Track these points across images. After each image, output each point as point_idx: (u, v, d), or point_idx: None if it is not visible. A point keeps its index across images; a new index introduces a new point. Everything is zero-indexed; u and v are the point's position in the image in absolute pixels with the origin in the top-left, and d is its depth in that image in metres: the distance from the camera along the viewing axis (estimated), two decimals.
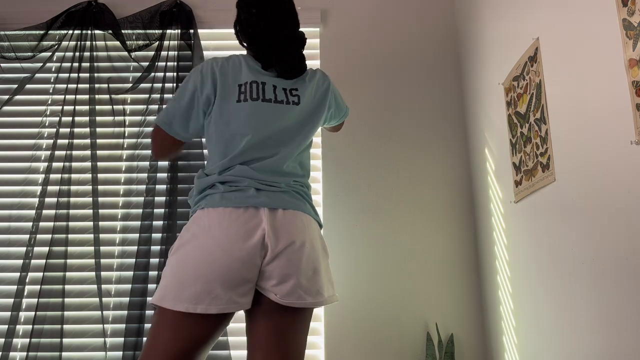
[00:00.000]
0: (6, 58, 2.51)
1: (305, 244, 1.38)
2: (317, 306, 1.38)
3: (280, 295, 1.33)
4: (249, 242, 1.32)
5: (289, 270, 1.33)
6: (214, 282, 1.28)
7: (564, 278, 1.49)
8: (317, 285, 1.37)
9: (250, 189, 1.39)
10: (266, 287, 1.35)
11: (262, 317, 1.36)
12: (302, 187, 1.50)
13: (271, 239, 1.33)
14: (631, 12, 1.15)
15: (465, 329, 2.23)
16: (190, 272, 1.29)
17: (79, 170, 2.39)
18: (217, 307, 1.27)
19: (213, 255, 1.29)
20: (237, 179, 1.41)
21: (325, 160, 2.42)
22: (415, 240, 2.33)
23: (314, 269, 1.38)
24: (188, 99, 1.48)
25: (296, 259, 1.35)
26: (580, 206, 1.39)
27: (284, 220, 1.38)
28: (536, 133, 1.65)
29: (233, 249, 1.30)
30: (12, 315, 2.18)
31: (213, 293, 1.27)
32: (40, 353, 2.15)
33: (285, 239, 1.35)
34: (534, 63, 1.66)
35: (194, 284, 1.28)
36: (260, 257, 1.33)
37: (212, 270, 1.28)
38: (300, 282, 1.34)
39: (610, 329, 1.26)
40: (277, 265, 1.33)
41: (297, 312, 1.37)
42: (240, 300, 1.31)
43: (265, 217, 1.36)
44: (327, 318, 2.24)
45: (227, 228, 1.32)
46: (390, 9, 2.62)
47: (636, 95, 1.13)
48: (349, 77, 2.52)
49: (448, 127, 2.46)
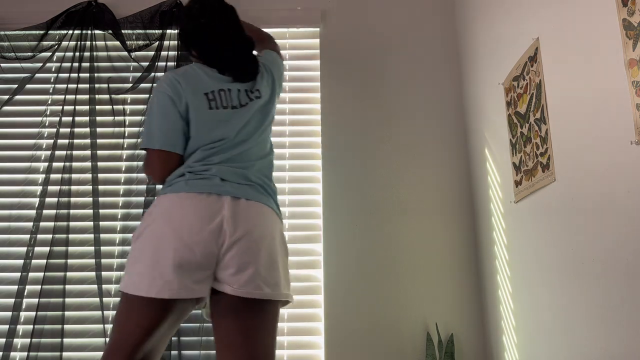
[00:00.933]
0: (6, 58, 2.51)
1: (266, 234, 1.38)
2: (274, 298, 1.36)
3: (237, 285, 1.32)
4: (207, 227, 1.32)
5: (248, 258, 1.33)
6: (167, 266, 1.28)
7: (564, 278, 1.49)
8: (275, 278, 1.37)
9: (216, 178, 1.41)
10: (223, 278, 1.33)
11: (225, 316, 1.36)
12: (269, 183, 1.52)
13: (230, 226, 1.33)
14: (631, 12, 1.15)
15: (465, 329, 2.23)
16: (147, 256, 1.30)
17: (79, 170, 2.39)
18: (170, 292, 1.27)
19: (169, 238, 1.30)
20: (206, 168, 1.43)
21: (325, 160, 2.42)
22: (415, 240, 2.33)
23: (272, 261, 1.37)
24: (173, 113, 1.48)
25: (255, 248, 1.34)
26: (580, 206, 1.39)
27: (245, 209, 1.38)
28: (536, 133, 1.65)
29: (189, 233, 1.31)
30: (13, 315, 2.18)
31: (166, 277, 1.28)
32: (40, 353, 2.15)
33: (245, 226, 1.35)
34: (534, 63, 1.66)
35: (149, 268, 1.29)
36: (218, 244, 1.33)
37: (166, 254, 1.29)
38: (259, 271, 1.33)
39: (610, 329, 1.26)
40: (236, 252, 1.33)
41: (260, 308, 1.36)
42: (195, 287, 1.30)
43: (226, 204, 1.36)
44: (327, 318, 2.24)
45: (186, 212, 1.33)
46: (389, 9, 2.62)
47: (636, 95, 1.13)
48: (349, 77, 2.52)
49: (448, 127, 2.46)
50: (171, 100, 1.48)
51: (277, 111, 2.48)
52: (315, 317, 2.26)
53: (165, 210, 1.35)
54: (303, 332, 2.25)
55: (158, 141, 1.47)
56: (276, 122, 2.48)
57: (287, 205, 2.38)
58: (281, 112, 2.49)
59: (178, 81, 1.51)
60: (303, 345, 2.23)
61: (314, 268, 2.31)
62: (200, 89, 1.52)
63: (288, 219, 2.37)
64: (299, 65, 2.55)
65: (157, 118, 1.48)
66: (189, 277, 1.30)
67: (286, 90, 2.52)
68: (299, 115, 2.49)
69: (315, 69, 2.54)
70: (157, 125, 1.48)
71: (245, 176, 1.46)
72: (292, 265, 2.30)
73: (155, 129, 1.47)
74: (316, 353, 2.23)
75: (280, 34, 2.57)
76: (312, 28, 2.58)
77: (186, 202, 1.35)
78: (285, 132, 2.47)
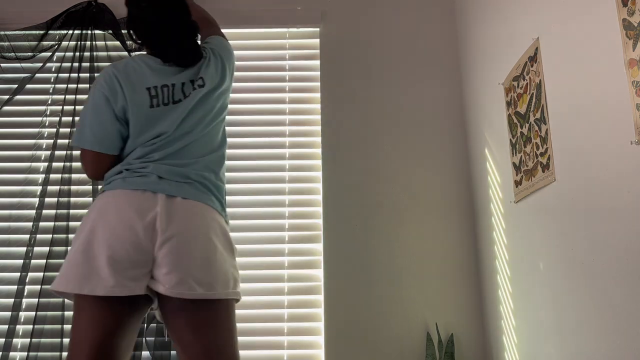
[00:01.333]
0: (6, 58, 2.51)
1: (199, 234, 1.35)
2: (207, 297, 1.33)
3: (169, 285, 1.30)
4: (140, 223, 1.31)
5: (179, 257, 1.31)
6: (102, 262, 1.27)
7: (564, 278, 1.49)
8: (209, 278, 1.34)
9: (153, 176, 1.39)
10: (158, 277, 1.32)
11: (173, 316, 1.36)
12: (213, 180, 1.49)
13: (162, 224, 1.32)
14: (631, 12, 1.15)
15: (465, 329, 2.23)
16: (82, 254, 1.29)
17: (79, 170, 2.38)
18: (104, 289, 1.26)
19: (103, 235, 1.29)
20: (144, 165, 1.41)
21: (325, 160, 2.42)
22: (415, 240, 2.33)
23: (207, 260, 1.34)
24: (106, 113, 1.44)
25: (186, 247, 1.32)
26: (580, 206, 1.39)
27: (180, 208, 1.36)
28: (536, 133, 1.65)
29: (123, 229, 1.30)
30: (12, 315, 2.18)
31: (101, 274, 1.27)
32: (40, 353, 2.15)
33: (177, 226, 1.33)
34: (534, 63, 1.66)
35: (84, 265, 1.28)
36: (151, 241, 1.31)
37: (100, 250, 1.28)
38: (190, 271, 1.31)
39: (610, 329, 1.26)
40: (168, 251, 1.31)
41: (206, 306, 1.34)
42: (130, 284, 1.29)
43: (161, 201, 1.35)
44: (327, 318, 2.24)
45: (120, 208, 1.32)
46: (390, 9, 2.62)
47: (636, 95, 1.13)
48: (349, 77, 2.52)
49: (448, 127, 2.46)
50: (106, 100, 1.45)
51: (277, 111, 2.49)
52: (315, 317, 2.26)
53: (101, 208, 1.34)
54: (303, 332, 2.25)
55: (88, 141, 1.45)
56: (276, 122, 2.48)
57: (287, 205, 2.38)
58: (281, 112, 2.49)
59: (117, 77, 1.46)
60: (303, 345, 2.23)
61: (314, 268, 2.31)
62: (142, 84, 1.47)
63: (288, 219, 2.37)
64: (299, 65, 2.55)
65: (90, 117, 1.45)
66: (124, 273, 1.28)
67: (286, 90, 2.52)
68: (299, 115, 2.49)
69: (315, 69, 2.54)
70: (89, 124, 1.45)
71: (184, 174, 1.43)
72: (292, 265, 2.31)
73: (87, 128, 1.45)
74: (316, 353, 2.23)
75: (280, 34, 2.57)
76: (312, 28, 2.58)
77: (120, 200, 1.34)
78: (285, 132, 2.47)
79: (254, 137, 2.46)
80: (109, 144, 1.45)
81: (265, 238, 2.34)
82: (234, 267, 1.44)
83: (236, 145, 2.44)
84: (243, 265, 2.30)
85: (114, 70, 1.48)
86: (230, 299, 1.39)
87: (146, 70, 1.50)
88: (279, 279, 2.30)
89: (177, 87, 1.51)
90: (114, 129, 1.45)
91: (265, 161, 2.43)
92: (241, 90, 2.51)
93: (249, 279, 2.29)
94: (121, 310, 1.31)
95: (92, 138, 1.44)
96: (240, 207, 2.38)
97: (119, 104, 1.44)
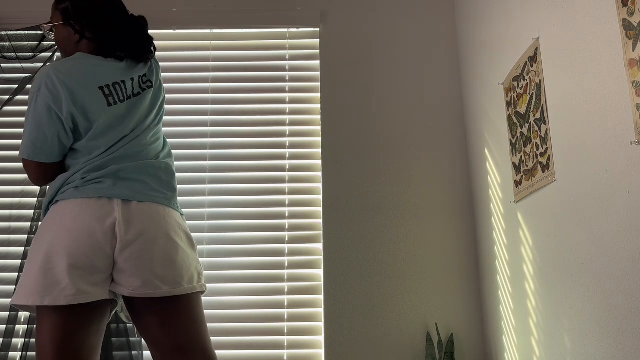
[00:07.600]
0: (7, 58, 2.51)
1: (158, 235, 1.36)
2: (173, 294, 1.35)
3: (133, 287, 1.32)
4: (99, 229, 1.31)
5: (141, 260, 1.33)
6: (61, 272, 1.27)
7: (564, 278, 1.49)
8: (173, 275, 1.35)
9: (108, 181, 1.38)
10: (120, 282, 1.34)
11: (141, 315, 1.38)
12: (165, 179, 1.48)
13: (121, 229, 1.33)
14: (631, 12, 1.15)
15: (465, 329, 2.23)
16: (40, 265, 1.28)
17: None
18: (66, 299, 1.26)
19: (63, 243, 1.29)
20: (97, 174, 1.39)
21: (325, 160, 2.42)
22: (415, 240, 2.33)
23: (169, 259, 1.36)
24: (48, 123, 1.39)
25: (148, 250, 1.34)
26: (580, 206, 1.39)
27: (137, 212, 1.37)
28: (536, 133, 1.65)
29: (82, 236, 1.30)
30: (12, 315, 2.18)
31: (62, 284, 1.27)
32: None
33: (136, 229, 1.34)
34: (534, 63, 1.67)
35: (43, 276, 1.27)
36: (111, 246, 1.32)
37: (59, 259, 1.28)
38: (154, 271, 1.33)
39: (610, 329, 1.26)
40: (129, 255, 1.32)
41: (172, 302, 1.36)
42: (92, 290, 1.29)
43: (117, 207, 1.35)
44: (327, 318, 2.24)
45: (77, 217, 1.32)
46: (389, 9, 2.62)
47: (636, 95, 1.13)
48: (349, 77, 2.52)
49: (448, 127, 2.46)
50: (48, 109, 1.38)
51: (277, 111, 2.50)
52: (315, 317, 2.26)
53: (57, 217, 1.34)
54: (303, 332, 2.25)
55: (27, 151, 1.41)
56: (276, 122, 2.48)
57: (287, 205, 2.38)
58: (281, 112, 2.49)
59: (63, 82, 1.38)
60: (303, 345, 2.24)
61: (314, 268, 2.31)
62: (94, 83, 1.43)
63: (288, 219, 2.37)
64: (299, 65, 2.55)
65: (30, 127, 1.40)
66: (84, 279, 1.28)
67: (286, 91, 2.52)
68: (299, 115, 2.49)
69: (315, 69, 2.54)
70: (29, 134, 1.40)
71: (138, 177, 1.42)
72: (292, 265, 2.31)
73: (27, 139, 1.41)
74: (316, 353, 2.23)
75: (280, 34, 2.58)
76: (312, 28, 2.58)
77: (76, 208, 1.33)
78: (285, 132, 2.47)
79: (254, 137, 2.46)
80: (50, 153, 1.41)
81: (265, 238, 2.34)
82: (197, 261, 1.47)
83: (236, 145, 2.45)
84: (243, 265, 2.30)
85: (57, 73, 1.39)
86: (196, 292, 1.41)
87: (95, 68, 1.45)
88: (279, 278, 2.30)
89: (128, 83, 1.49)
90: (55, 138, 1.40)
91: (265, 161, 2.43)
92: (241, 91, 2.51)
93: (249, 279, 2.29)
94: (83, 313, 1.31)
95: (32, 148, 1.40)
96: (241, 207, 2.38)
97: (65, 110, 1.38)
